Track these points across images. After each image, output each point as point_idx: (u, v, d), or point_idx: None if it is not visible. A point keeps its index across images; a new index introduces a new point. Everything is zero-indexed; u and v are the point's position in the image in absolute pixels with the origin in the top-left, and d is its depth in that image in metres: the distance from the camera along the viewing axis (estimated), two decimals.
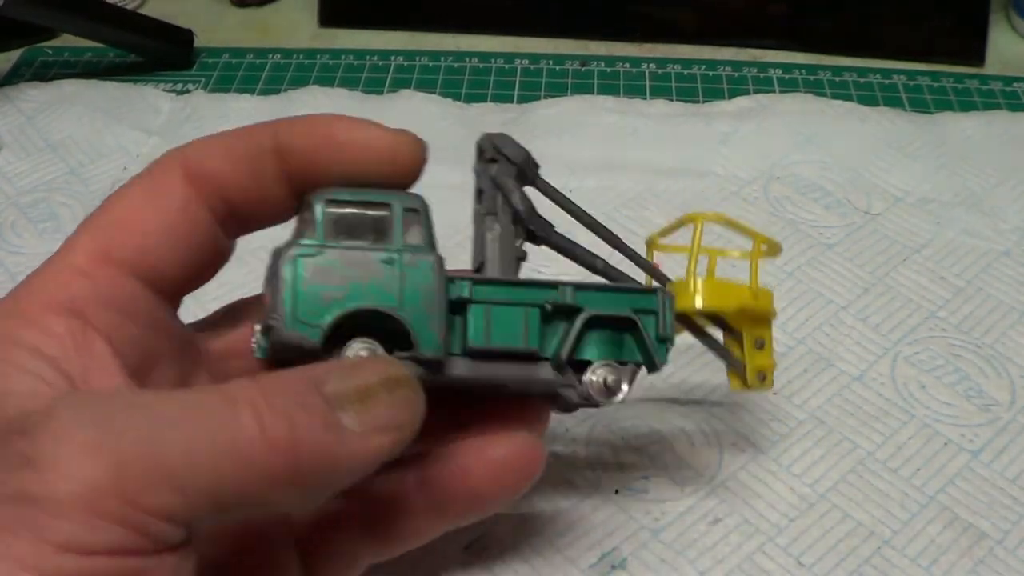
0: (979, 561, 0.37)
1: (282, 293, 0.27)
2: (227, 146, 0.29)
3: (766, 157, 0.55)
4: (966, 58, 0.64)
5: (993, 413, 0.43)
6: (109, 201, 0.28)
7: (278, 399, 0.24)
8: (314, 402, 0.24)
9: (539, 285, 0.30)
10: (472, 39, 0.67)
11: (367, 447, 0.25)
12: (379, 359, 0.27)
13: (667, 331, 0.31)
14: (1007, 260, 0.49)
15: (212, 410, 0.23)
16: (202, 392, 0.24)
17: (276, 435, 0.23)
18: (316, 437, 0.24)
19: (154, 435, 0.22)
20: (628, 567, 0.37)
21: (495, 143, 0.32)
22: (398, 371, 0.26)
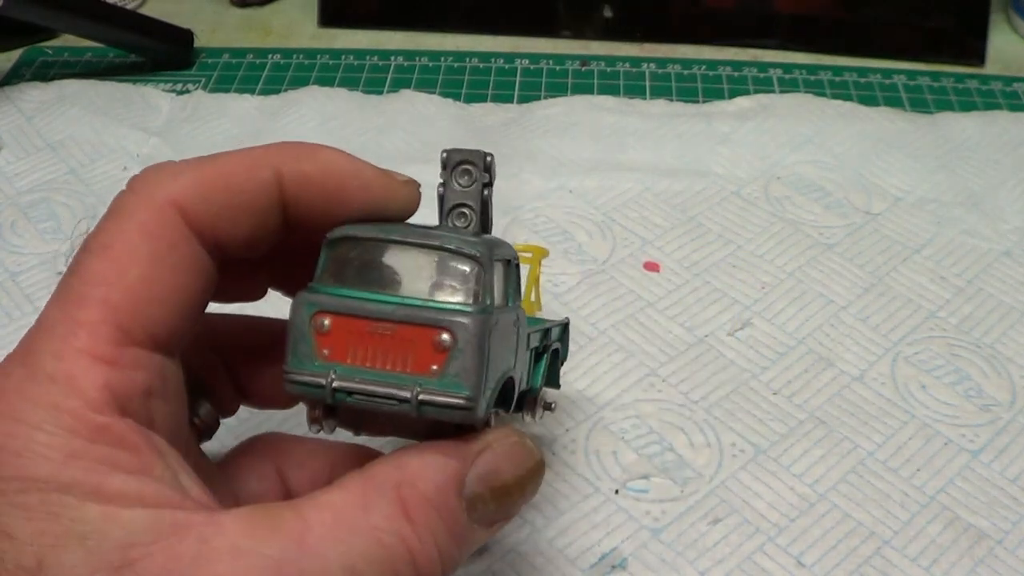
0: (979, 561, 0.37)
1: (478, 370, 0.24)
2: (227, 190, 0.26)
3: (766, 157, 0.55)
4: (966, 58, 0.64)
5: (993, 413, 0.43)
6: (108, 256, 0.25)
7: (427, 533, 0.24)
8: (459, 522, 0.24)
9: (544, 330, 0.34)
10: (472, 39, 0.67)
11: (489, 535, 0.26)
12: (524, 444, 0.26)
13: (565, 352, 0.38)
14: (1007, 260, 0.49)
15: (372, 561, 0.23)
16: (351, 534, 0.23)
17: (427, 570, 0.24)
18: (452, 555, 0.25)
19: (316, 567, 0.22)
20: (628, 567, 0.37)
21: (488, 167, 0.29)
22: (534, 463, 0.26)
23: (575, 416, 0.42)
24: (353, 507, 0.24)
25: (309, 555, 0.22)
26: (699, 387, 0.43)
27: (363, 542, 0.23)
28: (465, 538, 0.25)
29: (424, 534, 0.24)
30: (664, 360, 0.44)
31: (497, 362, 0.24)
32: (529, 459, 0.26)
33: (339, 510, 0.23)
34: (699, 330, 0.46)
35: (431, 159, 0.57)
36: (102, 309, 0.24)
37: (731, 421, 0.42)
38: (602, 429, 0.42)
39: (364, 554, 0.23)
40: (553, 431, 0.41)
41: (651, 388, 0.43)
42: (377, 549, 0.23)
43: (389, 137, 0.57)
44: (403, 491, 0.24)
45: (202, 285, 0.26)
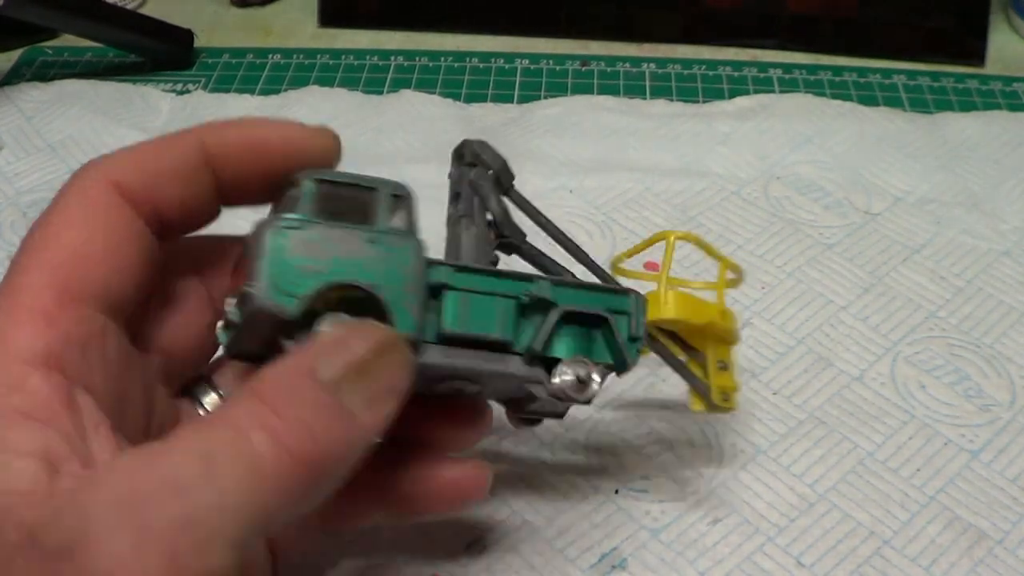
0: (979, 561, 0.37)
1: (263, 261, 0.27)
2: (153, 156, 0.28)
3: (766, 157, 0.55)
4: (966, 58, 0.64)
5: (993, 413, 0.43)
6: (49, 226, 0.27)
7: (288, 410, 0.24)
8: (322, 399, 0.24)
9: (517, 277, 0.30)
10: (472, 39, 0.67)
11: (375, 420, 0.25)
12: (362, 326, 0.27)
13: (639, 331, 0.31)
14: (1007, 260, 0.49)
15: (231, 452, 0.23)
16: (211, 432, 0.24)
17: (300, 449, 0.23)
18: (333, 434, 0.24)
19: (188, 508, 0.22)
20: (628, 567, 0.37)
21: (475, 149, 0.32)
22: (383, 334, 0.26)
23: (575, 416, 0.42)
24: (211, 417, 0.26)
25: (163, 462, 0.23)
26: None
27: (219, 432, 0.23)
28: (342, 420, 0.24)
29: (285, 412, 0.23)
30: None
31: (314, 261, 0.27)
32: (375, 332, 0.26)
33: (198, 425, 0.25)
34: None
35: (431, 159, 0.57)
36: (40, 272, 0.26)
37: (731, 421, 0.42)
38: (602, 429, 0.42)
39: (220, 439, 0.23)
40: (553, 431, 0.41)
41: (651, 388, 0.43)
42: (232, 432, 0.23)
43: (389, 137, 0.57)
44: (255, 385, 0.24)
45: (139, 250, 0.28)
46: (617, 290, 0.32)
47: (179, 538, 0.21)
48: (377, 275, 0.28)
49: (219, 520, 0.22)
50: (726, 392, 0.35)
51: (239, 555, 0.22)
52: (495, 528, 0.38)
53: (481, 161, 0.32)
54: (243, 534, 0.22)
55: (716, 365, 0.35)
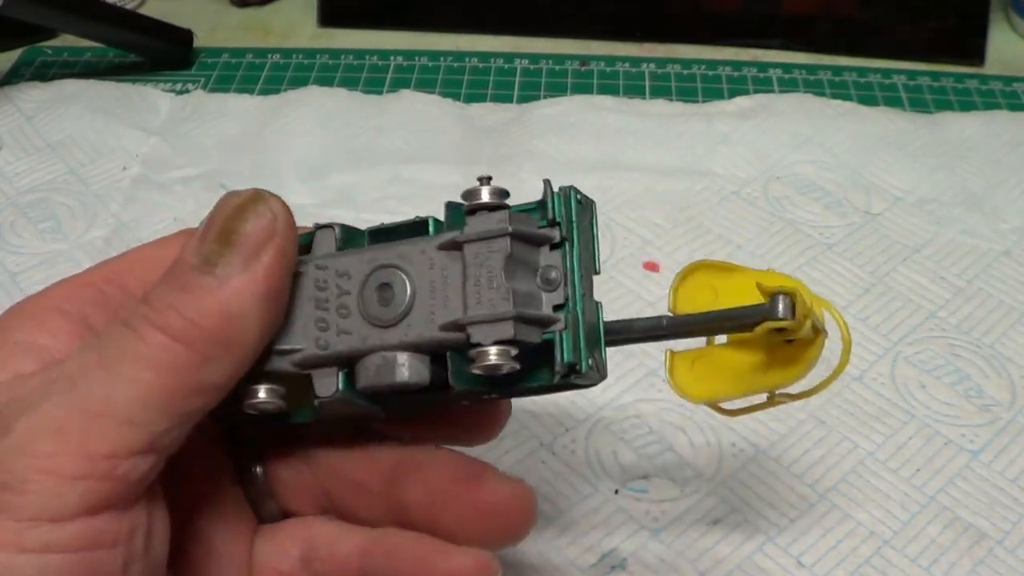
0: (979, 561, 0.37)
1: None
2: None
3: (766, 157, 0.55)
4: (966, 58, 0.64)
5: (993, 413, 0.43)
6: (126, 251, 0.30)
7: (160, 298, 0.24)
8: (188, 276, 0.25)
9: None
10: (472, 39, 0.67)
11: (253, 276, 0.25)
12: (228, 195, 0.26)
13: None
14: (1007, 260, 0.49)
15: (117, 344, 0.24)
16: (107, 332, 0.25)
17: (171, 326, 0.24)
18: (205, 304, 0.24)
19: (76, 389, 0.23)
20: (628, 567, 0.37)
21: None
22: (241, 196, 0.26)
23: (575, 416, 0.42)
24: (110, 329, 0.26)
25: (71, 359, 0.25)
26: None
27: (112, 329, 0.25)
28: (209, 289, 0.24)
29: (158, 301, 0.24)
30: (664, 360, 0.44)
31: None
32: (232, 197, 0.26)
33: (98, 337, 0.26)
34: None
35: (431, 159, 0.58)
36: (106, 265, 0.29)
37: (731, 421, 0.42)
38: (602, 429, 0.42)
39: (110, 335, 0.24)
40: (553, 431, 0.41)
41: (651, 388, 0.43)
42: (122, 328, 0.24)
43: (389, 137, 0.57)
44: (146, 290, 0.26)
45: None
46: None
47: (82, 424, 0.23)
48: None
49: (113, 404, 0.23)
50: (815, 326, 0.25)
51: (144, 435, 0.23)
52: None
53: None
54: (142, 414, 0.23)
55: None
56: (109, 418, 0.23)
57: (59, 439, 0.22)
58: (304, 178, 0.54)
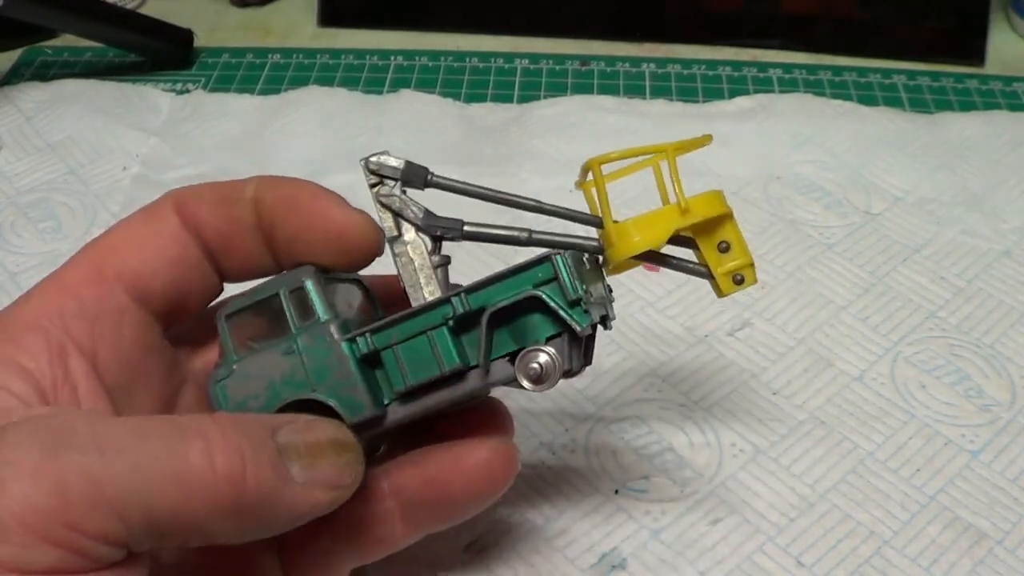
0: (979, 561, 0.37)
1: None
2: (213, 189, 0.31)
3: (766, 157, 0.55)
4: (966, 58, 0.64)
5: (993, 413, 0.43)
6: (109, 228, 0.30)
7: (232, 436, 0.25)
8: (266, 446, 0.25)
9: (432, 306, 0.29)
10: (472, 39, 0.67)
11: (307, 499, 0.26)
12: (332, 422, 0.28)
13: (574, 292, 0.29)
14: (1007, 260, 0.49)
15: (160, 438, 0.24)
16: (155, 420, 0.25)
17: (225, 468, 0.24)
18: (264, 477, 0.25)
19: (99, 461, 0.23)
20: (628, 567, 0.37)
21: (370, 167, 0.32)
22: (347, 437, 0.28)
23: (575, 416, 0.42)
24: (160, 420, 0.26)
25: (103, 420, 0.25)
26: (699, 387, 0.43)
27: (163, 423, 0.25)
28: (276, 470, 0.25)
29: (230, 437, 0.25)
30: (664, 360, 0.44)
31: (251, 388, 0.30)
32: (336, 428, 0.28)
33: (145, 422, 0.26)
34: (699, 330, 0.46)
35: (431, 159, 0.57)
36: (85, 252, 0.30)
37: (731, 421, 0.42)
38: (602, 429, 0.42)
39: (160, 427, 0.25)
40: (553, 431, 0.41)
41: (651, 388, 0.43)
42: (175, 429, 0.24)
43: (389, 137, 0.57)
44: (217, 417, 0.26)
45: (181, 257, 0.30)
46: (534, 261, 0.29)
47: (77, 483, 0.22)
48: (305, 382, 0.29)
49: (120, 490, 0.23)
50: (737, 272, 0.32)
51: (122, 535, 0.23)
52: (495, 528, 0.38)
53: (382, 176, 0.32)
54: (136, 521, 0.23)
55: (715, 250, 0.32)
56: (112, 505, 0.23)
57: (57, 501, 0.22)
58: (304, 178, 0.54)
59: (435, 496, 0.31)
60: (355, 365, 0.29)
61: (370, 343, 0.29)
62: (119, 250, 0.29)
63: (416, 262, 0.31)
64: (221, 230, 0.30)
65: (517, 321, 0.29)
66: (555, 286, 0.29)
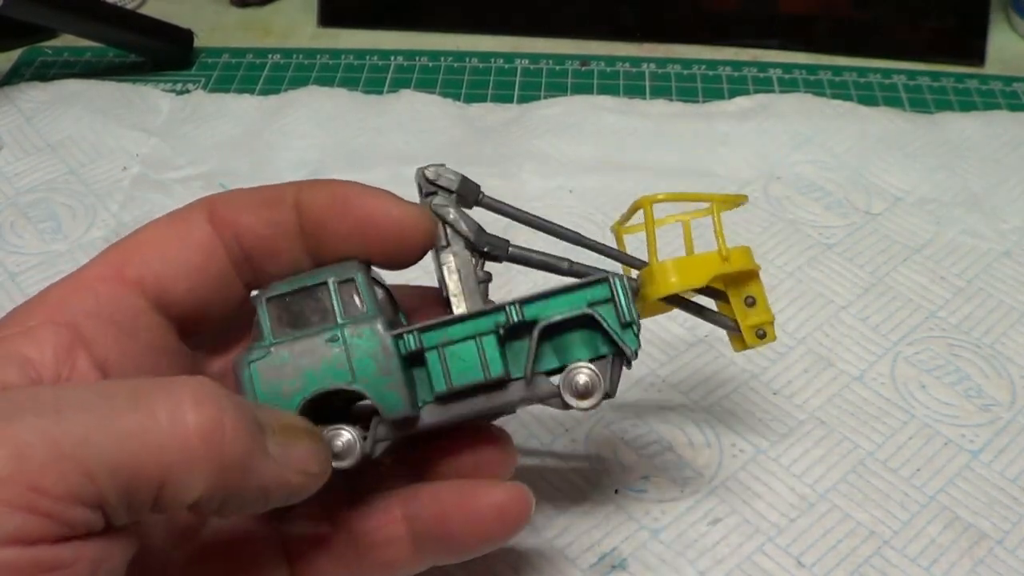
0: (979, 561, 0.37)
1: (245, 397, 0.29)
2: (251, 194, 0.30)
3: (766, 157, 0.55)
4: (966, 58, 0.64)
5: (993, 413, 0.43)
6: (137, 229, 0.30)
7: (212, 394, 0.24)
8: (247, 410, 0.25)
9: (487, 312, 0.30)
10: (472, 39, 0.67)
11: (279, 477, 0.26)
12: (301, 417, 0.28)
13: (628, 315, 0.30)
14: (1007, 260, 0.49)
15: (125, 396, 0.23)
16: (121, 382, 0.25)
17: (199, 424, 0.23)
18: (242, 438, 0.24)
19: (58, 420, 0.22)
20: (628, 567, 0.37)
21: (428, 176, 0.32)
22: (316, 431, 0.28)
23: (575, 416, 0.42)
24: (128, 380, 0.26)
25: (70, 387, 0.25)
26: (699, 387, 0.43)
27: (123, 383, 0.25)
28: (253, 437, 0.25)
29: (206, 389, 0.24)
30: (664, 360, 0.44)
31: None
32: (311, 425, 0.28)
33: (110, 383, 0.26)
34: (699, 330, 0.45)
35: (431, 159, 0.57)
36: (109, 253, 0.29)
37: (731, 421, 0.42)
38: (602, 429, 0.42)
39: (123, 386, 0.24)
40: (553, 431, 0.41)
41: (651, 388, 0.43)
42: (134, 384, 0.24)
43: (389, 137, 0.57)
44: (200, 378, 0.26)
45: (205, 263, 0.30)
46: (594, 281, 0.30)
47: (36, 444, 0.22)
48: (347, 372, 0.29)
49: (83, 446, 0.22)
50: (760, 327, 0.33)
51: (92, 494, 0.22)
52: None
53: (438, 186, 0.32)
54: (103, 475, 0.22)
55: (743, 303, 0.33)
56: (75, 463, 0.22)
57: (16, 464, 0.21)
58: (304, 178, 0.54)
59: (446, 531, 0.31)
60: (399, 361, 0.29)
61: (418, 341, 0.29)
62: (142, 252, 0.29)
63: (461, 272, 0.31)
64: (262, 235, 0.30)
65: (562, 338, 0.30)
66: (609, 307, 0.30)
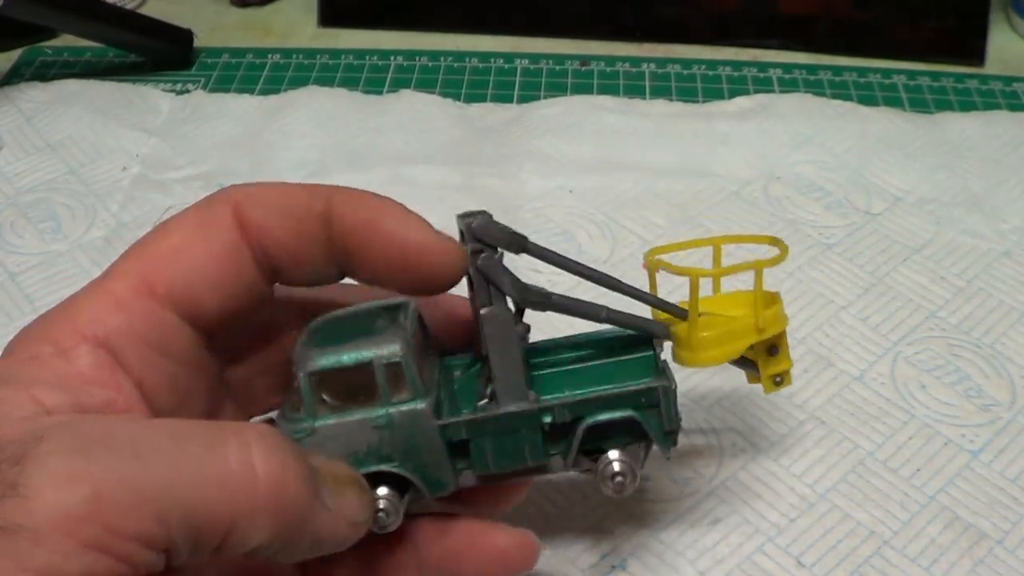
0: (979, 561, 0.37)
1: None
2: (279, 197, 0.29)
3: (766, 157, 0.55)
4: (966, 58, 0.64)
5: (993, 413, 0.43)
6: (160, 230, 0.29)
7: (271, 444, 0.25)
8: (303, 459, 0.26)
9: (535, 412, 0.30)
10: (472, 39, 0.67)
11: (332, 526, 0.26)
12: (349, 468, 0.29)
13: (672, 424, 0.31)
14: (1007, 260, 0.49)
15: (199, 440, 0.24)
16: (192, 423, 0.25)
17: (267, 471, 0.24)
18: (301, 488, 0.25)
19: (136, 464, 0.23)
20: (628, 567, 0.37)
21: (475, 233, 0.31)
22: (362, 480, 0.28)
23: None
24: (199, 423, 0.26)
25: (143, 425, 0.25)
26: (699, 387, 0.43)
27: (203, 427, 0.25)
28: (310, 487, 0.25)
29: (267, 437, 0.25)
30: None
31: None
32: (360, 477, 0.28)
33: (183, 424, 0.25)
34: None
35: (431, 159, 0.57)
36: (134, 262, 0.28)
37: (731, 421, 0.42)
38: None
39: (199, 431, 0.24)
40: None
41: None
42: (215, 433, 0.24)
43: (389, 137, 0.57)
44: (257, 425, 0.26)
45: (234, 271, 0.29)
46: (641, 391, 0.31)
47: (114, 485, 0.22)
48: (392, 457, 0.29)
49: (159, 491, 0.23)
50: (779, 375, 0.35)
51: (163, 538, 0.22)
52: None
53: (484, 243, 0.31)
54: (176, 520, 0.23)
55: (766, 353, 0.34)
56: (152, 507, 0.22)
57: (94, 506, 0.22)
58: (304, 179, 0.54)
59: (450, 569, 0.31)
60: (445, 448, 0.30)
61: (464, 434, 0.30)
62: (172, 265, 0.28)
63: (501, 336, 0.30)
64: (286, 242, 0.29)
65: (609, 428, 0.31)
66: (654, 414, 0.31)
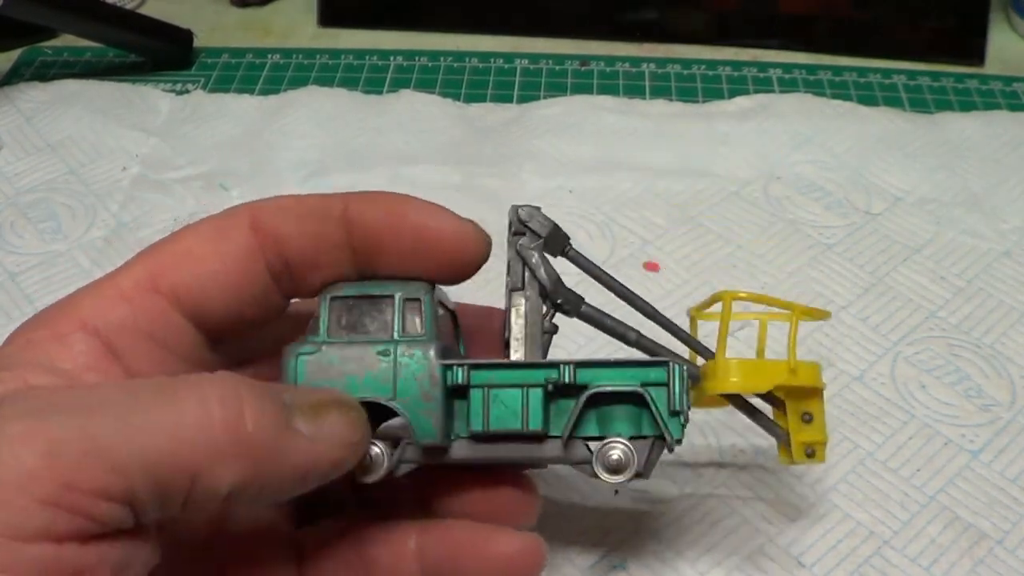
0: (979, 561, 0.37)
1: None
2: (296, 204, 0.29)
3: (766, 157, 0.55)
4: (966, 58, 0.64)
5: (993, 413, 0.43)
6: (175, 234, 0.29)
7: (230, 386, 0.24)
8: (266, 395, 0.25)
9: (540, 366, 0.29)
10: (472, 39, 0.67)
11: (313, 452, 0.26)
12: (331, 389, 0.28)
13: (679, 404, 0.29)
14: (1007, 260, 0.49)
15: (152, 393, 0.24)
16: (147, 380, 0.25)
17: (222, 414, 0.24)
18: (263, 424, 0.24)
19: (89, 417, 0.23)
20: (628, 567, 0.37)
21: (520, 216, 0.31)
22: (350, 400, 0.28)
23: None
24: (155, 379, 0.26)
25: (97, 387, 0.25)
26: None
27: (149, 381, 0.25)
28: (279, 421, 0.25)
29: (225, 382, 0.25)
30: None
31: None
32: (337, 392, 0.28)
33: (138, 381, 0.25)
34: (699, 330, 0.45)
35: (431, 159, 0.58)
36: (143, 260, 0.28)
37: (731, 421, 0.42)
38: None
39: (147, 384, 0.24)
40: None
41: None
42: (160, 381, 0.24)
43: (389, 137, 0.57)
44: (221, 374, 0.26)
45: (244, 276, 0.29)
46: (652, 362, 0.30)
47: (68, 441, 0.22)
48: (389, 388, 0.29)
49: (114, 443, 0.22)
50: (811, 446, 0.33)
51: (123, 491, 0.22)
52: None
53: (529, 229, 0.31)
54: (135, 471, 0.22)
55: (799, 418, 0.33)
56: (107, 458, 0.22)
57: (48, 461, 0.22)
58: (304, 178, 0.54)
59: (454, 571, 0.30)
60: (442, 391, 0.29)
61: (466, 376, 0.29)
62: (180, 265, 0.28)
63: (528, 319, 0.30)
64: (306, 247, 0.29)
65: (608, 408, 0.30)
66: (662, 391, 0.29)
